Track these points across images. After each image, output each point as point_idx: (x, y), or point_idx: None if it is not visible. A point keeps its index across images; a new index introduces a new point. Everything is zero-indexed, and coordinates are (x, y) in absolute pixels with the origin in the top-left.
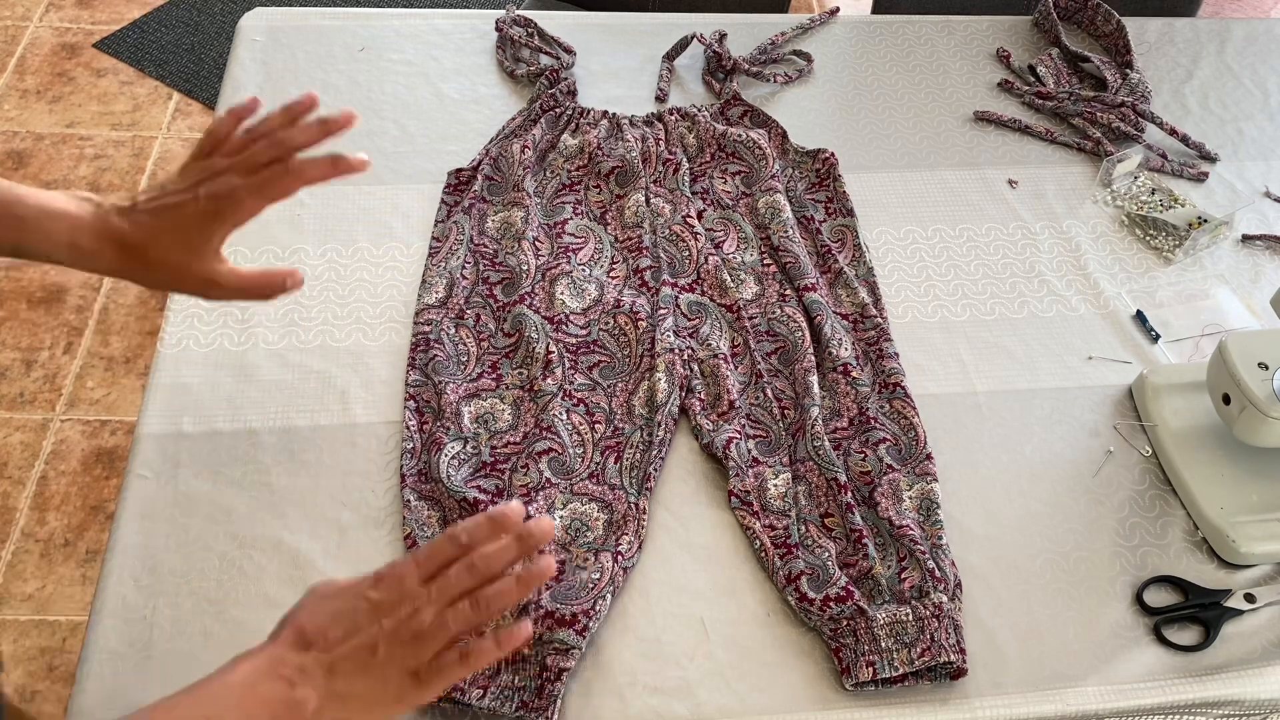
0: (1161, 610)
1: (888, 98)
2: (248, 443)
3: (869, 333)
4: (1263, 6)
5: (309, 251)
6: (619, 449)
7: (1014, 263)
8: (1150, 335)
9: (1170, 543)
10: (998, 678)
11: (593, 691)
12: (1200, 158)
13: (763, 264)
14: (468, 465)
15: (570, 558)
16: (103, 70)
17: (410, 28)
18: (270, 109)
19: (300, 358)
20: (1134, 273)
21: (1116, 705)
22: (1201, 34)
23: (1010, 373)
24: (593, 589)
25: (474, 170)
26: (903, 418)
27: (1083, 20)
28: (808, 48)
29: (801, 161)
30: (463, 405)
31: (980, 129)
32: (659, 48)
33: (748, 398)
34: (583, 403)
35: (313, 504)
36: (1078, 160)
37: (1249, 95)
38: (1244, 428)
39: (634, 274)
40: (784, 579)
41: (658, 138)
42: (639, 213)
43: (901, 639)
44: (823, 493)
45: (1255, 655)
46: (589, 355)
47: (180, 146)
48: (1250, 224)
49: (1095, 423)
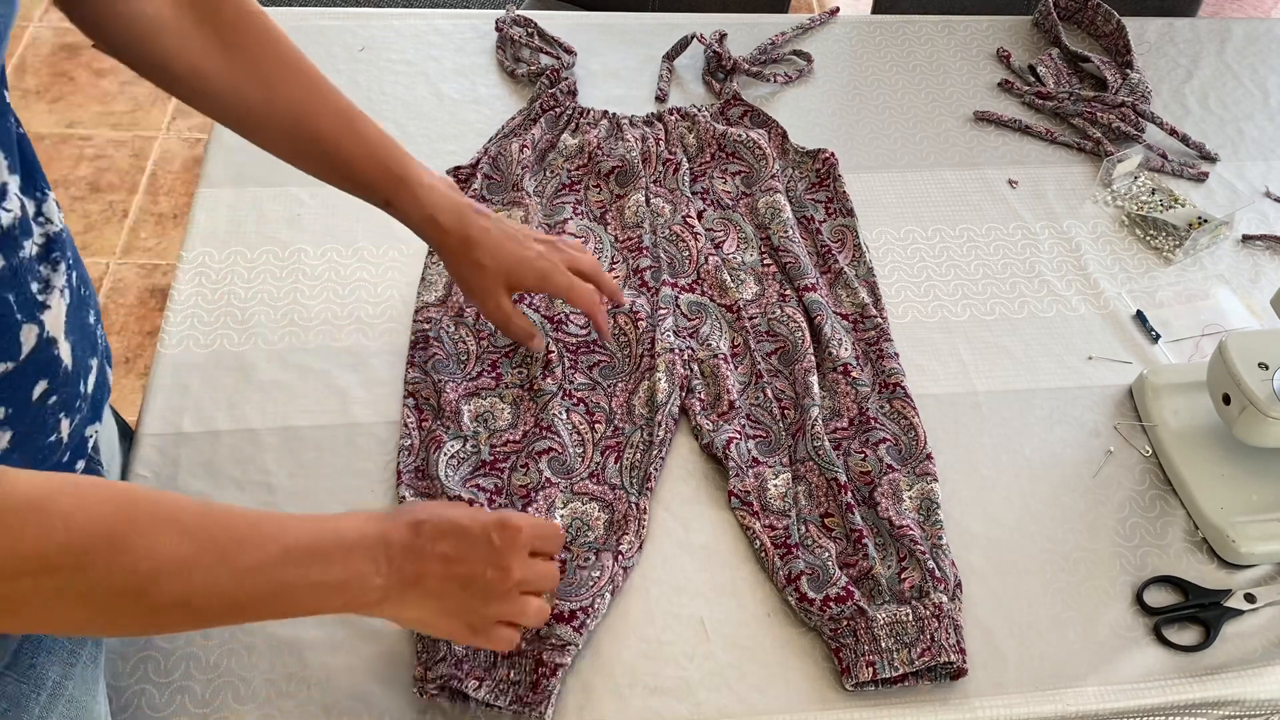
0: (1161, 610)
1: (888, 98)
2: (248, 443)
3: (869, 333)
4: (1263, 6)
5: (309, 251)
6: (619, 449)
7: (1014, 263)
8: (1150, 335)
9: (1170, 543)
10: (998, 678)
11: (593, 691)
12: (1200, 158)
13: (763, 264)
14: (466, 464)
15: (571, 557)
16: (103, 70)
17: (410, 28)
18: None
19: (300, 358)
20: (1134, 273)
21: (1116, 705)
22: (1201, 34)
23: (1010, 373)
24: (592, 586)
25: (473, 168)
26: (903, 418)
27: (1083, 20)
28: (808, 48)
29: (802, 161)
30: (462, 404)
31: (980, 129)
32: (659, 48)
33: (748, 398)
34: (583, 402)
35: (313, 504)
36: (1078, 160)
37: (1249, 95)
38: (1244, 428)
39: (634, 274)
40: (784, 579)
41: (658, 138)
42: (639, 213)
43: (901, 639)
44: (823, 493)
45: (1255, 655)
46: (589, 355)
47: (180, 146)
48: (1250, 224)
49: (1095, 423)
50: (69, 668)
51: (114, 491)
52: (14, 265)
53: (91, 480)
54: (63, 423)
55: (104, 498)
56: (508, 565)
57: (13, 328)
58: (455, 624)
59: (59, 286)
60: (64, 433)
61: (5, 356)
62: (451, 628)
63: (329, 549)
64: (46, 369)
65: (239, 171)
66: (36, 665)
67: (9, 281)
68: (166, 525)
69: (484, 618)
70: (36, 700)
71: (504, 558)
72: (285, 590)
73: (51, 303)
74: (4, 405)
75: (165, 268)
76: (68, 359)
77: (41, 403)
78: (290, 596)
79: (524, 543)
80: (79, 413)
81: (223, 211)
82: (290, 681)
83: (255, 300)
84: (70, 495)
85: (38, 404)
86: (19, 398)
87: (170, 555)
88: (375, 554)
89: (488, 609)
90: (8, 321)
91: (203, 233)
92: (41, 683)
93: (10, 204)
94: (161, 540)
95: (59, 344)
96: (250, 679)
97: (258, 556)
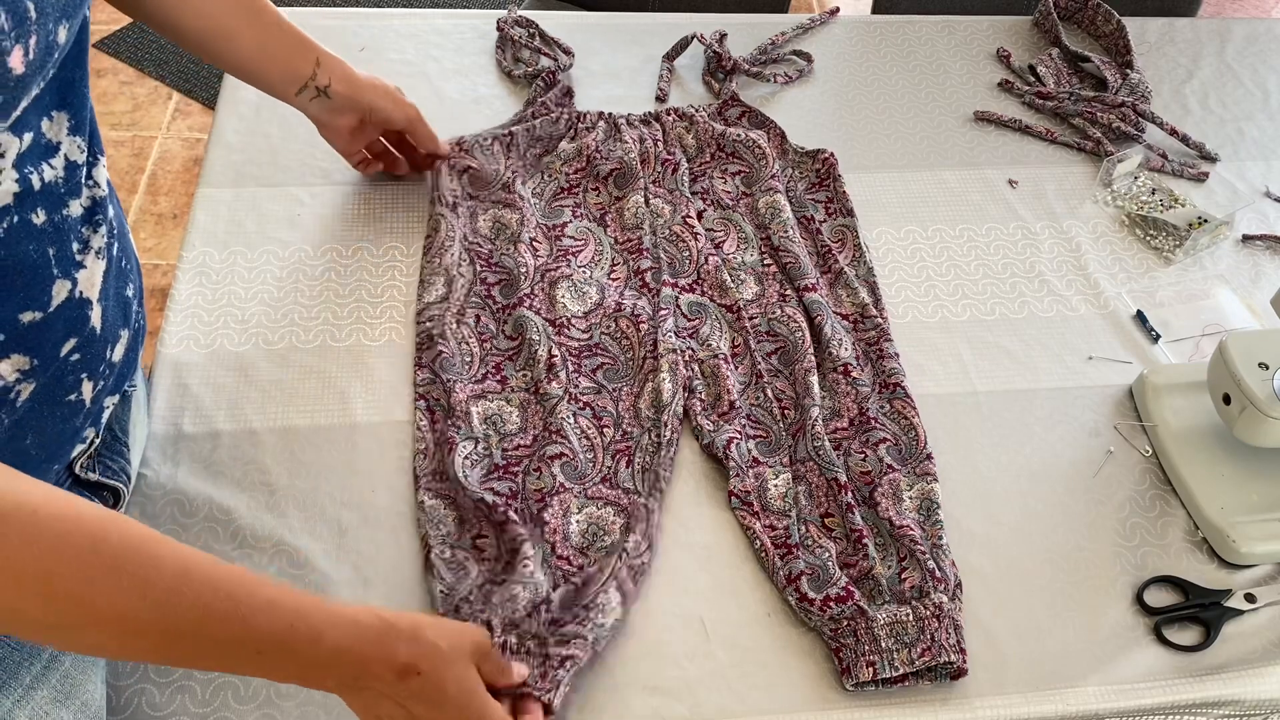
0: (1162, 610)
1: (888, 98)
2: (248, 443)
3: (869, 333)
4: (1263, 6)
5: (309, 251)
6: (629, 453)
7: (1014, 263)
8: (1150, 335)
9: (1170, 543)
10: (998, 678)
11: (593, 691)
12: (1200, 158)
13: (763, 264)
14: (480, 467)
15: (587, 562)
16: (102, 70)
17: (410, 28)
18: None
19: (300, 358)
20: (1134, 273)
21: (1117, 705)
22: (1202, 34)
23: (1010, 373)
24: (595, 583)
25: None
26: (903, 418)
27: (1083, 20)
28: (808, 48)
29: (801, 162)
30: (471, 405)
31: (980, 129)
32: (659, 48)
33: (748, 398)
34: (589, 406)
35: (313, 504)
36: (1078, 160)
37: (1249, 95)
38: (1244, 428)
39: (634, 275)
40: (784, 579)
41: (655, 138)
42: (638, 214)
43: (902, 639)
44: (823, 493)
45: (1255, 655)
46: (592, 358)
47: (180, 146)
48: (1251, 224)
49: (1095, 423)
50: None
51: (85, 531)
52: (56, 221)
53: (75, 512)
54: (84, 384)
55: (71, 547)
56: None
57: (47, 280)
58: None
59: (96, 248)
60: (86, 395)
61: (35, 306)
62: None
63: (300, 649)
64: (76, 328)
65: (239, 171)
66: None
67: (50, 236)
68: (129, 591)
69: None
70: (29, 669)
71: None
72: (233, 666)
73: (88, 263)
74: (31, 355)
75: (165, 268)
76: (98, 323)
77: (66, 359)
78: (235, 668)
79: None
80: (102, 378)
81: (223, 211)
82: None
83: (255, 300)
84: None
85: (63, 360)
86: (46, 351)
87: (117, 618)
88: (343, 675)
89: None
90: (43, 274)
91: (203, 233)
92: (37, 652)
93: (56, 161)
94: (116, 602)
95: (92, 306)
96: (250, 679)
97: (222, 631)
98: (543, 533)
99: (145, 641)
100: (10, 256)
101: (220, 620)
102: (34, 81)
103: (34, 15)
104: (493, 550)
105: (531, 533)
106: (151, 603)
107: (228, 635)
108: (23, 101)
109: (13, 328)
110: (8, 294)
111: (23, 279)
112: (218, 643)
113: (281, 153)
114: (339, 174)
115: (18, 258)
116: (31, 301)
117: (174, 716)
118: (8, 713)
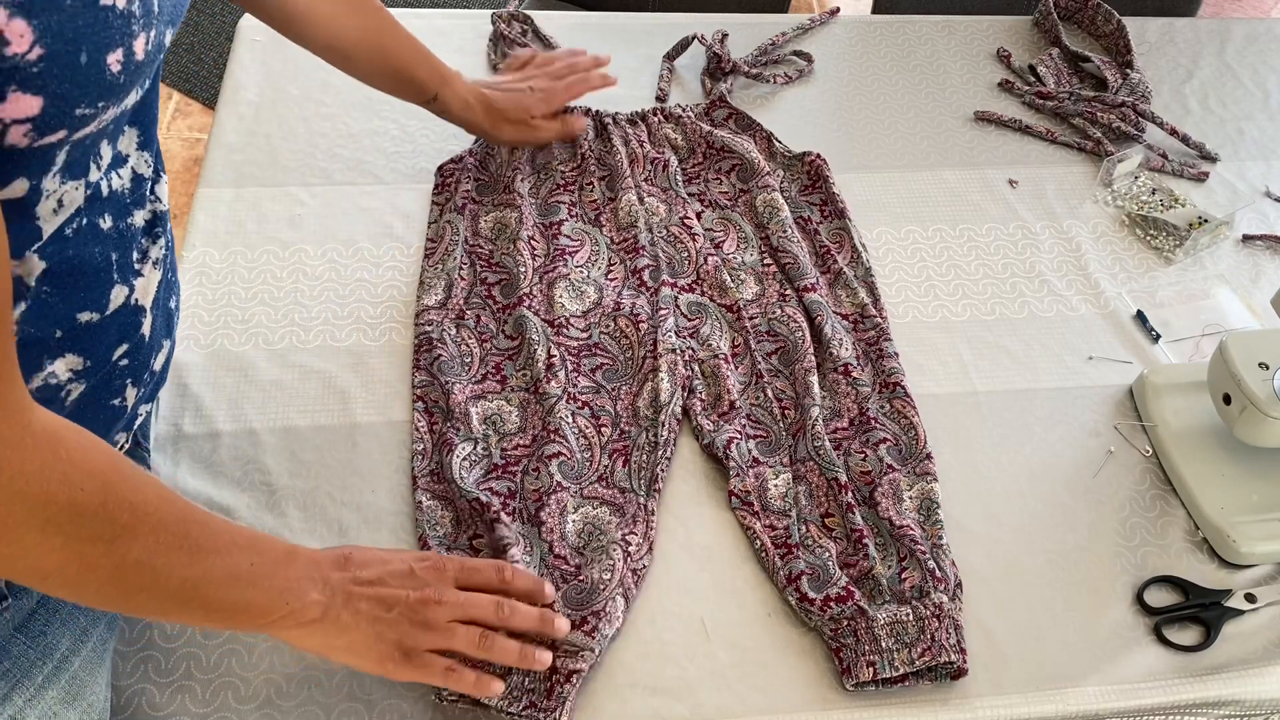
0: (1162, 610)
1: (888, 98)
2: (248, 443)
3: (869, 333)
4: (1263, 6)
5: (309, 251)
6: (626, 453)
7: (1014, 263)
8: (1150, 335)
9: (1170, 543)
10: (998, 678)
11: (593, 691)
12: (1201, 158)
13: (763, 264)
14: (478, 467)
15: (584, 562)
16: None
17: (410, 27)
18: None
19: (300, 358)
20: (1134, 273)
21: (1117, 705)
22: (1201, 34)
23: (1010, 373)
24: (603, 590)
25: (458, 164)
26: (903, 418)
27: (1083, 20)
28: (808, 48)
29: (790, 164)
30: (470, 406)
31: (980, 129)
32: (659, 48)
33: (748, 398)
34: (587, 406)
35: (313, 504)
36: (1078, 160)
37: (1249, 95)
38: (1244, 428)
39: (632, 274)
40: (784, 579)
41: (641, 139)
42: (632, 212)
43: (902, 639)
44: (823, 493)
45: (1256, 655)
46: (591, 358)
47: (180, 146)
48: (1251, 224)
49: (1095, 423)
50: (79, 644)
51: (105, 446)
52: (120, 228)
53: (89, 434)
54: (129, 389)
55: (102, 446)
56: (427, 591)
57: (106, 284)
58: (386, 647)
59: (154, 259)
60: (129, 400)
61: (94, 308)
62: (382, 651)
63: (276, 551)
64: (128, 333)
65: (239, 171)
66: (48, 634)
67: (114, 242)
68: (149, 484)
69: (415, 642)
70: (41, 669)
71: (424, 584)
72: (234, 581)
73: (145, 272)
74: (84, 356)
75: None
76: (147, 331)
77: (115, 364)
78: (237, 589)
79: (449, 575)
80: (144, 385)
81: (223, 211)
82: (290, 682)
83: (255, 300)
84: (76, 435)
85: (113, 364)
86: (100, 353)
87: (148, 513)
88: (310, 572)
89: (416, 634)
90: (104, 278)
91: (203, 233)
92: (50, 652)
93: (124, 172)
94: (144, 494)
95: (145, 313)
96: (250, 679)
97: (214, 541)
98: (540, 532)
99: (169, 547)
100: (77, 256)
101: (211, 531)
102: (144, 75)
103: (156, 10)
104: (488, 551)
105: (519, 536)
106: (166, 508)
107: (218, 543)
108: (130, 96)
109: (70, 326)
110: (69, 292)
111: (85, 280)
112: (218, 550)
113: (281, 153)
114: (339, 174)
115: (84, 258)
116: (91, 303)
117: (174, 716)
118: (19, 711)
